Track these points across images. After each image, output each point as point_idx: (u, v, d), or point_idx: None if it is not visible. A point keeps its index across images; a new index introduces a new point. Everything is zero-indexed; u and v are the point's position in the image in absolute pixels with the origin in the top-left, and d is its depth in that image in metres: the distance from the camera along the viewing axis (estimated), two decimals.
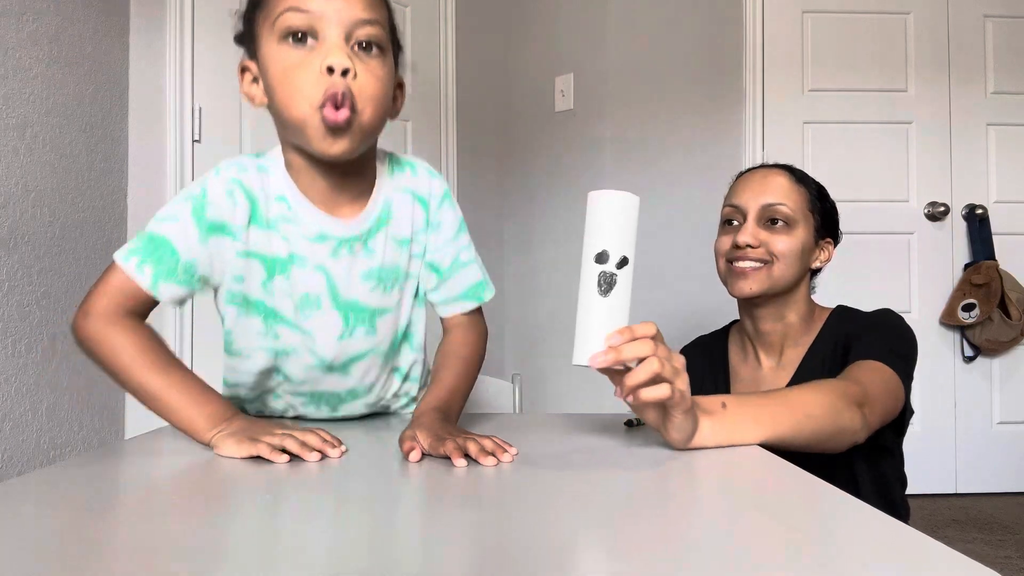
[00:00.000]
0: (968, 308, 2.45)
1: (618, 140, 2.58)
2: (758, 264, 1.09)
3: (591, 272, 0.68)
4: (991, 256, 2.50)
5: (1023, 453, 2.54)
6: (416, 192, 0.86)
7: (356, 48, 0.73)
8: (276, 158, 0.82)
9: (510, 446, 0.71)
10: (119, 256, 0.77)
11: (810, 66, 2.60)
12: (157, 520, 0.52)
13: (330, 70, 0.70)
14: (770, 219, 1.10)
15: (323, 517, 0.54)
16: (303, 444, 0.70)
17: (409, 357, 0.94)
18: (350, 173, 0.80)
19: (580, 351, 0.67)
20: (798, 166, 1.17)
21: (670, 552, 0.46)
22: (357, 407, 0.94)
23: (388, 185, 0.85)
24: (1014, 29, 2.61)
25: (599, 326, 0.67)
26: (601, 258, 0.68)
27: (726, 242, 1.14)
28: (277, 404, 0.93)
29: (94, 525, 0.51)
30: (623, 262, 0.68)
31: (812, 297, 1.18)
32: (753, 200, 1.11)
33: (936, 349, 2.52)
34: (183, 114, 1.94)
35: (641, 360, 0.66)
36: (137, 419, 1.86)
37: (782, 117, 2.58)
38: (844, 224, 1.22)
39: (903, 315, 1.10)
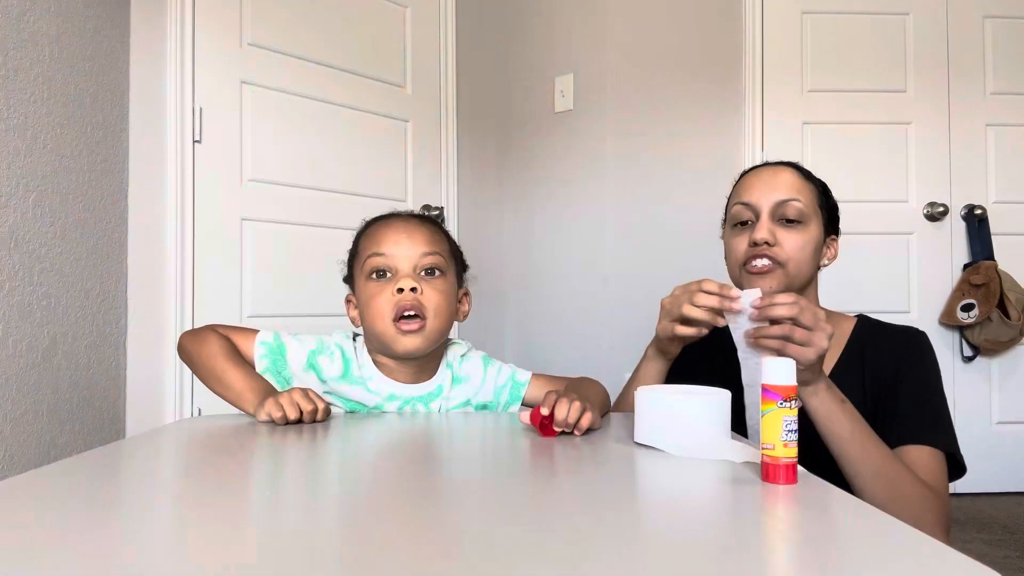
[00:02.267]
0: (967, 308, 2.46)
1: (618, 140, 2.58)
2: (773, 265, 1.06)
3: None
4: (990, 256, 2.50)
5: (1022, 453, 2.54)
6: (451, 366, 1.10)
7: (423, 273, 1.00)
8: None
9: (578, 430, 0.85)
10: (261, 337, 1.03)
11: (809, 66, 2.60)
12: (157, 519, 0.53)
13: (399, 291, 0.97)
14: (783, 217, 1.07)
15: (324, 515, 0.54)
16: (293, 409, 0.89)
17: None
18: (419, 363, 1.05)
19: None
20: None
21: (671, 550, 0.46)
22: None
23: (444, 367, 1.09)
24: (1014, 29, 2.61)
25: None
26: None
27: (741, 243, 1.10)
28: None
29: (94, 525, 0.51)
30: None
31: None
32: (765, 197, 1.08)
33: (935, 349, 2.51)
34: (183, 114, 1.94)
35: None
36: (137, 419, 1.86)
37: (781, 117, 2.58)
38: (843, 224, 1.22)
39: (902, 315, 1.11)
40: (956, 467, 1.03)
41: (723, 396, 0.79)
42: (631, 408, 1.10)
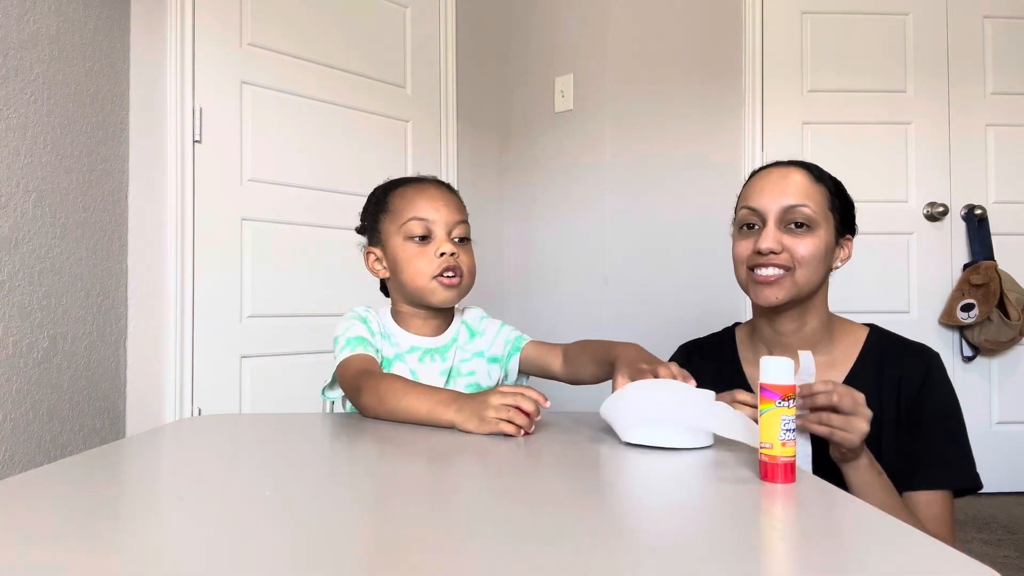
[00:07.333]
0: (967, 308, 2.46)
1: (618, 140, 2.58)
2: (781, 271, 1.03)
3: None
4: (990, 256, 2.50)
5: (1022, 453, 2.54)
6: (466, 323, 1.22)
7: (456, 240, 1.13)
8: (385, 310, 1.20)
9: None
10: (343, 355, 1.08)
11: (809, 67, 2.60)
12: (157, 519, 0.53)
13: (443, 254, 1.10)
14: (791, 222, 1.04)
15: (323, 514, 0.54)
16: (520, 422, 0.85)
17: None
18: (439, 315, 1.18)
19: None
20: None
21: (670, 548, 0.46)
22: None
23: (458, 322, 1.21)
24: (1014, 29, 2.61)
25: None
26: None
27: (746, 248, 1.07)
28: None
29: (94, 525, 0.51)
30: None
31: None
32: (773, 202, 1.04)
33: (936, 351, 2.52)
34: (183, 114, 1.94)
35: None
36: (137, 419, 1.86)
37: (781, 118, 2.58)
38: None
39: (902, 315, 1.10)
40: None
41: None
42: None
